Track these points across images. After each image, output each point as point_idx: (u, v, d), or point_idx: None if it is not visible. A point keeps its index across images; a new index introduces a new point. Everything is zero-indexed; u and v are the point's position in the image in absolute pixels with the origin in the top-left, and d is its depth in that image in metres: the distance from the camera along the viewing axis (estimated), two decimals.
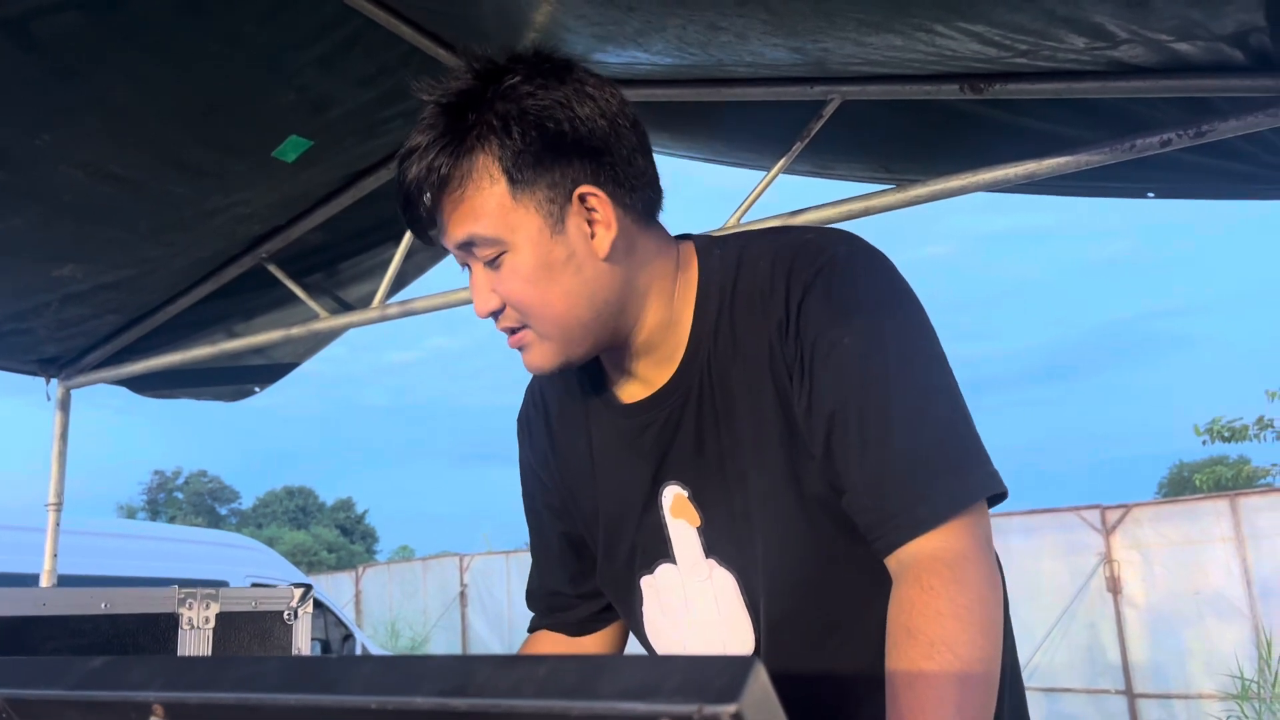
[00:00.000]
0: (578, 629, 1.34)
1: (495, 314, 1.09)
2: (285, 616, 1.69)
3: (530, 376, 1.29)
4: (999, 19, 2.24)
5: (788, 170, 3.22)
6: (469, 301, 3.64)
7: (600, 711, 0.41)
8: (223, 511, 54.69)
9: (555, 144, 1.04)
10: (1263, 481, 17.49)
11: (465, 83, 1.07)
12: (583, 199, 1.05)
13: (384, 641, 13.86)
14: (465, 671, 0.46)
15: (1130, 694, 8.64)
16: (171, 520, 48.47)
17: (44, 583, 4.17)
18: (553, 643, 1.35)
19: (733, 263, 1.13)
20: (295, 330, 3.96)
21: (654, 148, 1.18)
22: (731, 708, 0.38)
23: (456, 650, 14.26)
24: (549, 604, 1.35)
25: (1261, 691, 7.54)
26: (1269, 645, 7.62)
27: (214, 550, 7.83)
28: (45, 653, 1.38)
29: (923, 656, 0.90)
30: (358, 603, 16.01)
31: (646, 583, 1.18)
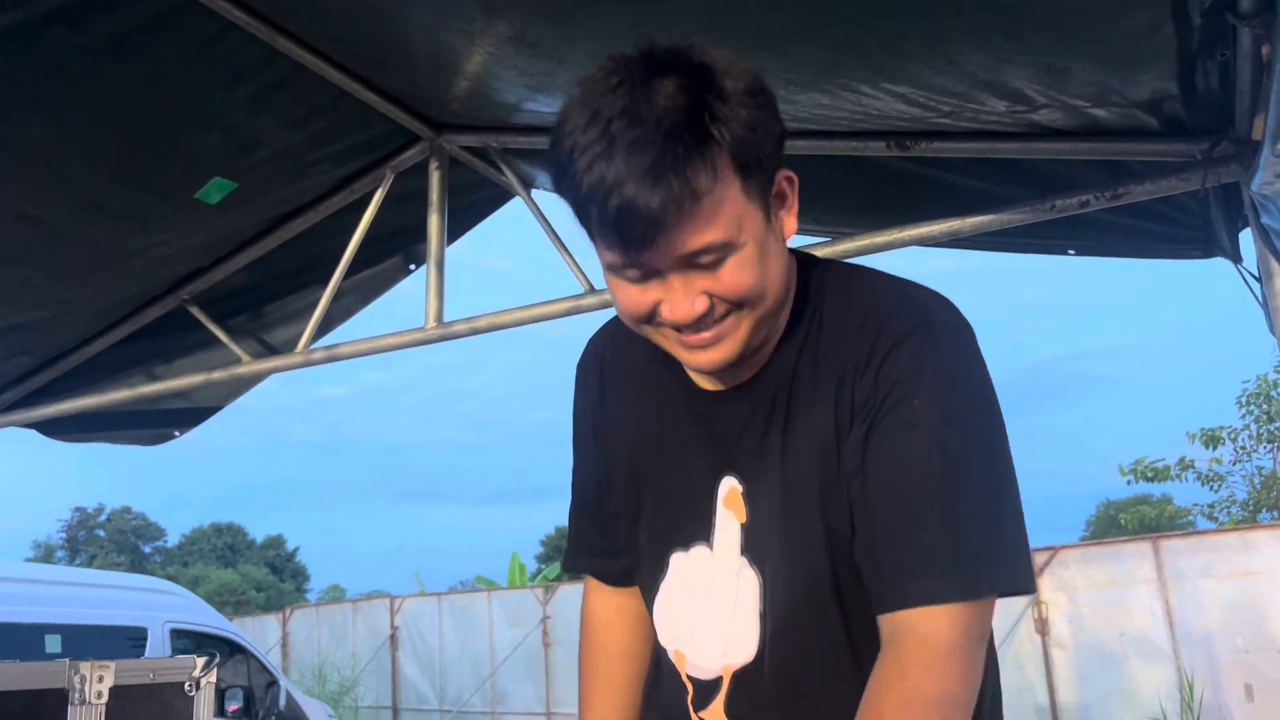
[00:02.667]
0: (615, 579, 1.36)
1: (703, 318, 1.05)
2: (186, 688, 1.61)
3: (603, 325, 1.35)
4: (924, 81, 2.28)
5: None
6: (397, 346, 3.59)
7: None
8: (147, 549, 53.07)
9: (776, 142, 1.06)
10: (1183, 521, 17.95)
11: (676, 94, 1.00)
12: (780, 187, 1.07)
13: (310, 687, 13.48)
14: None
15: None
16: (92, 559, 46.94)
17: None
18: (608, 607, 1.37)
19: (832, 290, 1.16)
20: (217, 374, 3.86)
21: None
22: None
23: (386, 695, 13.95)
24: (589, 547, 1.37)
25: None
26: (1190, 687, 7.77)
27: (132, 595, 7.54)
28: None
29: None
30: (285, 646, 15.60)
31: (677, 559, 1.20)
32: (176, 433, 4.60)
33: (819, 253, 3.00)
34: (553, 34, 2.38)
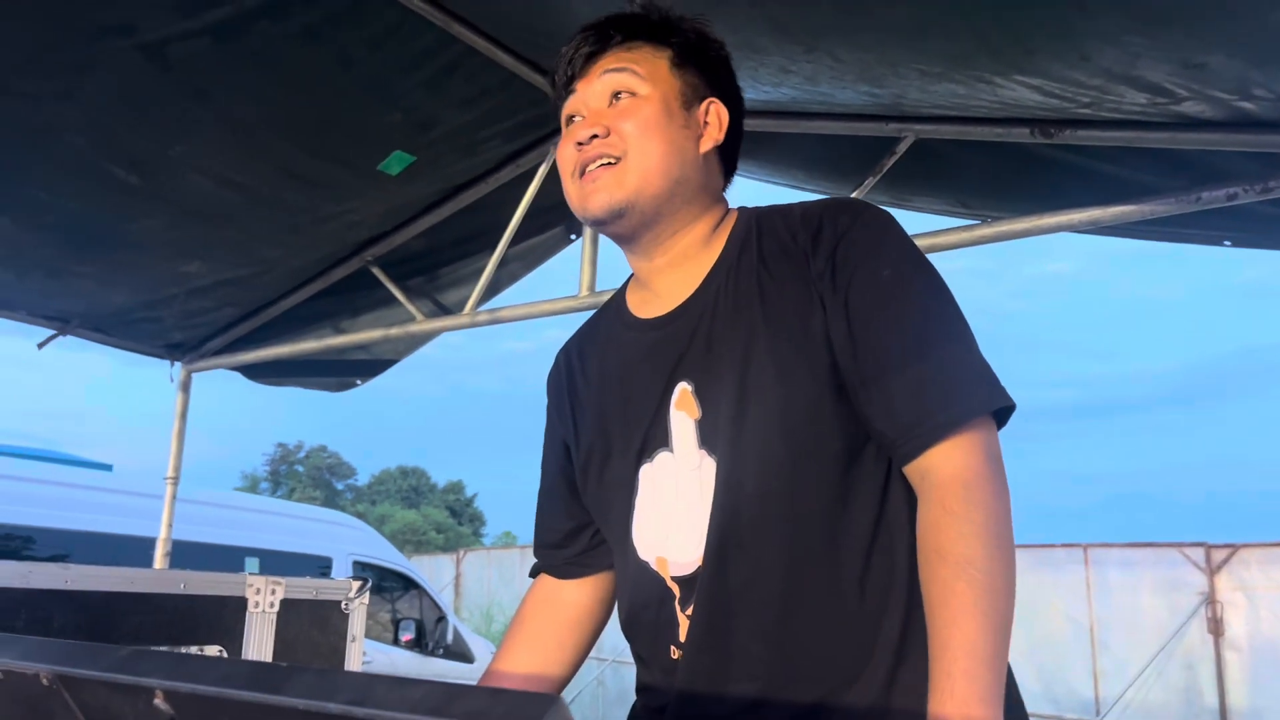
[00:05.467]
0: (563, 570, 1.47)
1: (596, 136, 1.28)
2: (343, 606, 1.88)
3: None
4: (1056, 74, 2.29)
5: (866, 200, 3.29)
6: (552, 313, 3.83)
7: None
8: (339, 486, 56.56)
9: (712, 63, 1.37)
10: None
11: (644, 9, 1.38)
12: (708, 108, 1.34)
13: (478, 625, 14.28)
14: (366, 686, 0.60)
15: None
16: (291, 491, 50.51)
17: (158, 551, 4.54)
18: (545, 589, 1.49)
19: (766, 214, 1.34)
20: (393, 331, 4.22)
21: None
22: None
23: None
24: (542, 539, 1.50)
25: None
26: None
27: (322, 528, 8.22)
28: (132, 624, 1.61)
29: (953, 576, 1.04)
30: (457, 585, 16.51)
31: (645, 472, 1.28)
32: (358, 381, 5.04)
33: (964, 236, 3.04)
34: None
